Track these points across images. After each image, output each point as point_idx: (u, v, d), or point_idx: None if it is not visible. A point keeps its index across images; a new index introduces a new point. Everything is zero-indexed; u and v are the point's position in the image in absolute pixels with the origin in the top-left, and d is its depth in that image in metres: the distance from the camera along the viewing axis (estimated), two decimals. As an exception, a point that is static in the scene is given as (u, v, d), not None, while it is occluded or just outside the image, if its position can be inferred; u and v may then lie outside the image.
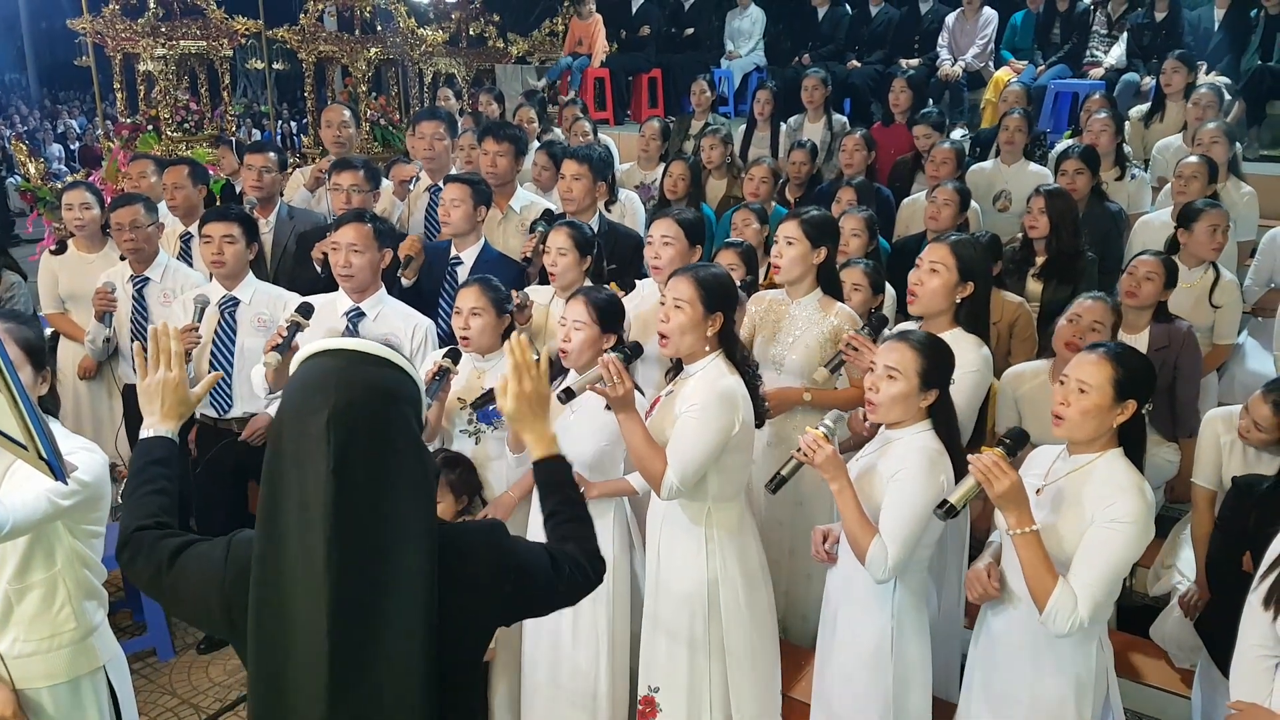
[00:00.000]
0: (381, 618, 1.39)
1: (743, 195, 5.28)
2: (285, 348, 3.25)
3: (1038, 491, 2.41)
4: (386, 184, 5.02)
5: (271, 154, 4.69)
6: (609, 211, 4.72)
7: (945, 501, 2.30)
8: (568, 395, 2.62)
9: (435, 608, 1.42)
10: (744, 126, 6.88)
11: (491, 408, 3.07)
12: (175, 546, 1.60)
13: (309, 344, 1.50)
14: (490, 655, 3.17)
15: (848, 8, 8.76)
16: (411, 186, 4.96)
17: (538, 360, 1.90)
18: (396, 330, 3.51)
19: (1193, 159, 4.71)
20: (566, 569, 1.66)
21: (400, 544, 1.41)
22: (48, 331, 4.58)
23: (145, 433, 1.84)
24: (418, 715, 1.42)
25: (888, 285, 4.04)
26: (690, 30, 9.40)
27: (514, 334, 1.95)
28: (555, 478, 1.84)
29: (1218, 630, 2.85)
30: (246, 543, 1.51)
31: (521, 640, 3.11)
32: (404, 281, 3.90)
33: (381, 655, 1.40)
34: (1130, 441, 2.35)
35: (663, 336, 2.71)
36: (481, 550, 1.55)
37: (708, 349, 2.71)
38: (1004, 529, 2.32)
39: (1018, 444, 2.32)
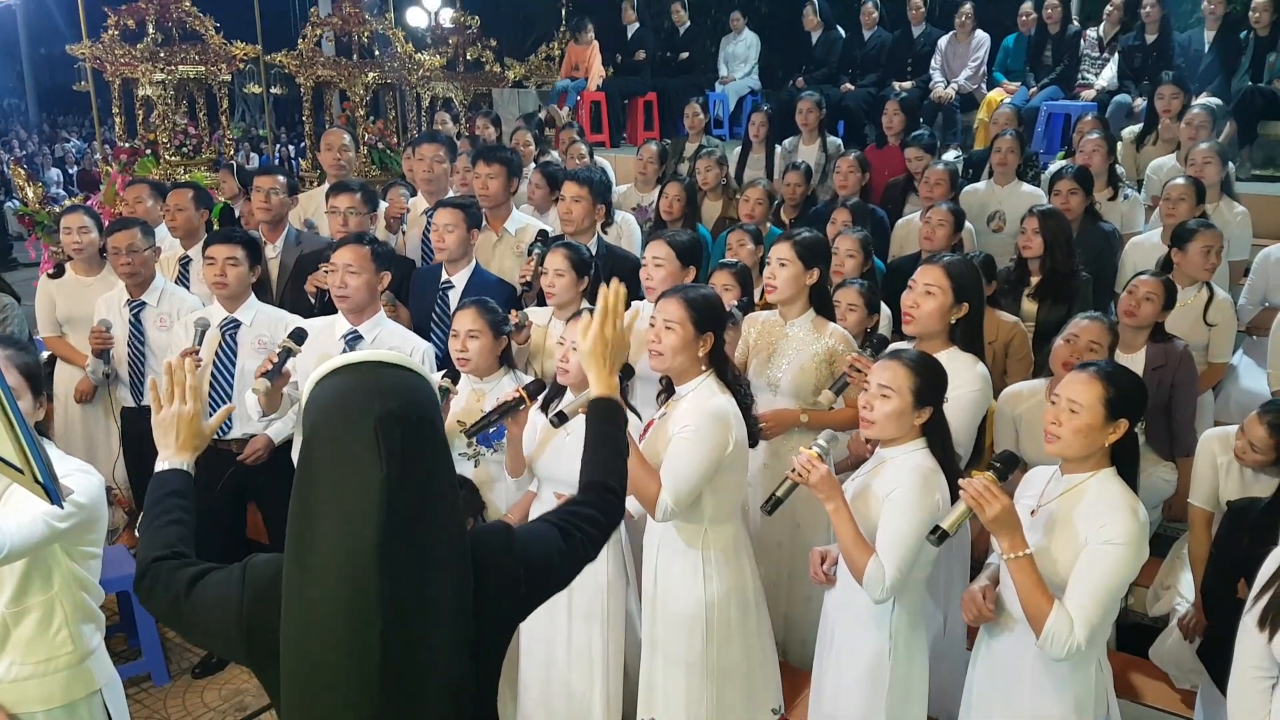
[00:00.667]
0: (431, 624, 1.39)
1: (738, 216, 5.31)
2: (276, 374, 3.25)
3: (1032, 513, 2.42)
4: (383, 205, 5.04)
5: (280, 178, 4.71)
6: (605, 233, 4.75)
7: (937, 527, 2.30)
8: (560, 419, 2.63)
9: (472, 612, 1.44)
10: (739, 149, 6.93)
11: (490, 431, 3.07)
12: (192, 575, 1.59)
13: (323, 364, 1.47)
14: None
15: (840, 31, 8.83)
16: (405, 227, 4.98)
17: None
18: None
19: (1180, 181, 4.73)
20: (577, 536, 1.68)
21: (443, 549, 1.41)
22: (44, 355, 4.58)
23: (160, 465, 1.83)
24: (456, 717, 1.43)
25: (883, 305, 4.06)
26: (685, 54, 9.48)
27: (614, 281, 2.05)
28: (606, 414, 1.93)
29: (1218, 656, 2.84)
30: (264, 565, 1.51)
31: (517, 661, 3.10)
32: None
33: (432, 662, 1.40)
34: (1123, 461, 2.35)
35: (654, 355, 2.71)
36: (498, 558, 1.54)
37: (700, 369, 2.73)
38: (999, 552, 2.32)
39: (1008, 468, 2.32)
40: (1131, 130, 6.55)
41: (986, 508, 2.21)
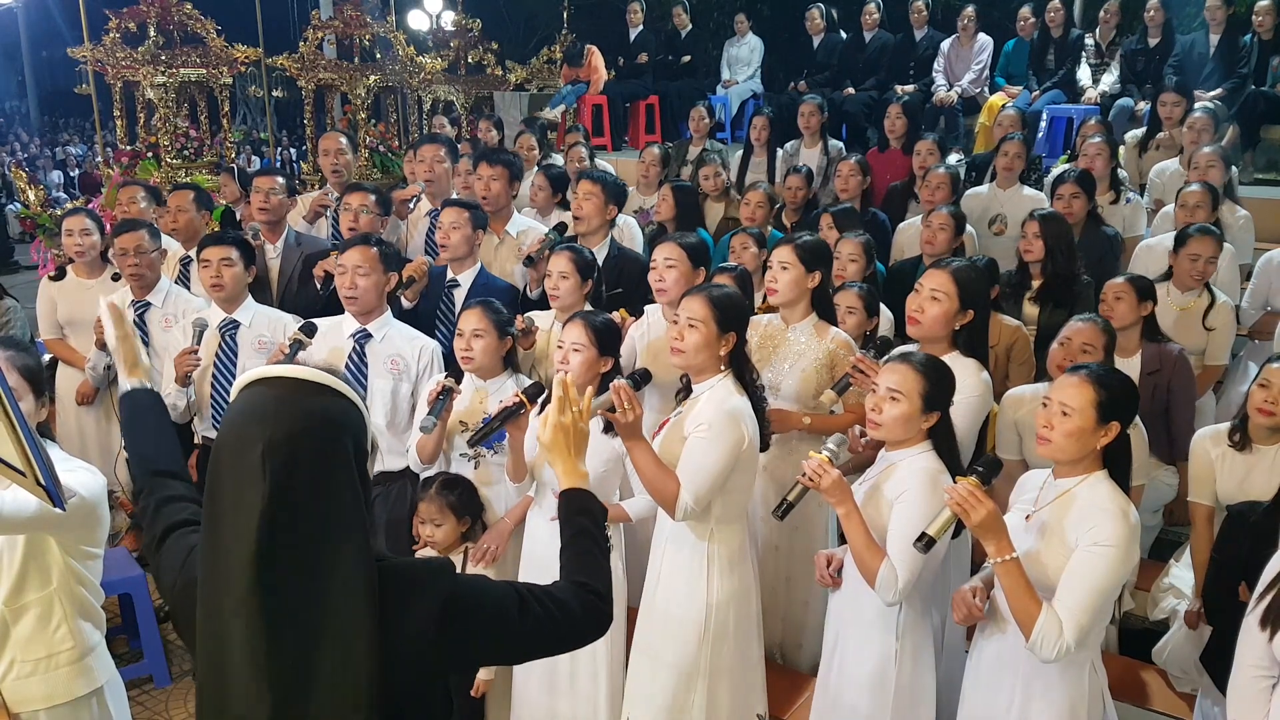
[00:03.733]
0: (317, 657, 1.35)
1: (740, 220, 5.31)
2: (288, 363, 3.26)
3: (1027, 518, 2.42)
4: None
5: (279, 179, 4.72)
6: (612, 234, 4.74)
7: (924, 534, 2.31)
8: None
9: (377, 652, 1.36)
10: (741, 152, 6.93)
11: (494, 434, 3.06)
12: (166, 527, 1.62)
13: (248, 371, 1.44)
14: (482, 688, 3.15)
15: (842, 34, 8.84)
16: (413, 206, 4.98)
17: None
18: (403, 352, 3.53)
19: (1195, 187, 4.72)
20: (536, 611, 1.55)
21: (335, 587, 1.35)
22: (46, 358, 4.58)
23: (124, 386, 1.93)
24: None
25: (884, 309, 4.06)
26: (687, 58, 9.49)
27: (559, 373, 2.02)
28: (578, 505, 1.77)
29: (1220, 659, 2.84)
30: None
31: (512, 672, 3.09)
32: (404, 303, 3.92)
33: (319, 701, 1.35)
34: (1115, 464, 2.35)
35: (677, 352, 2.72)
36: (422, 589, 1.46)
37: (720, 369, 2.73)
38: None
39: (991, 472, 2.32)
40: (1134, 134, 6.55)
41: (971, 513, 2.21)
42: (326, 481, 1.37)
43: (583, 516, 1.76)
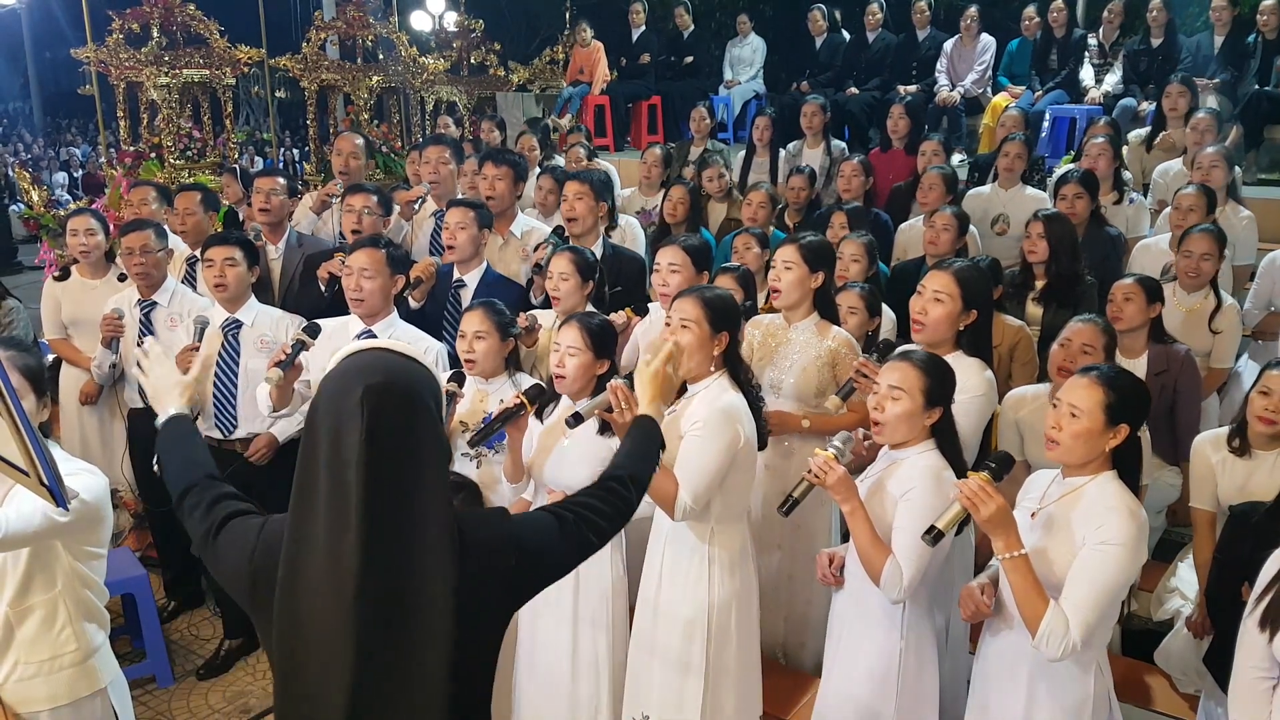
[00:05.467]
0: (410, 583, 1.46)
1: (742, 220, 5.31)
2: (288, 365, 3.28)
3: (1032, 515, 2.41)
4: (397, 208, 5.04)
5: (280, 179, 4.72)
6: (609, 236, 4.75)
7: (933, 527, 2.30)
8: (576, 420, 2.63)
9: (458, 589, 1.47)
10: (743, 152, 6.93)
11: (494, 435, 3.06)
12: (225, 514, 1.68)
13: (345, 347, 1.60)
14: None
15: (845, 34, 8.83)
16: (417, 207, 4.99)
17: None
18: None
19: (1190, 189, 4.71)
20: (571, 522, 1.70)
21: (425, 515, 1.48)
22: (49, 358, 4.59)
23: (165, 414, 2.00)
24: (441, 702, 1.47)
25: (887, 309, 4.06)
26: (690, 58, 9.49)
27: (674, 340, 2.44)
28: (650, 427, 2.11)
29: (1222, 660, 2.83)
30: (279, 521, 1.58)
31: (514, 671, 3.09)
32: (411, 303, 3.93)
33: (408, 633, 1.45)
34: (1125, 465, 2.35)
35: None
36: (488, 528, 1.60)
37: (712, 369, 2.74)
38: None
39: (1003, 468, 2.31)
40: (1139, 134, 6.54)
41: (981, 507, 2.21)
42: (414, 424, 1.51)
43: (648, 435, 2.08)
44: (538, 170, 5.84)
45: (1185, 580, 3.47)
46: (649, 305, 3.77)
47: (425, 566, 1.46)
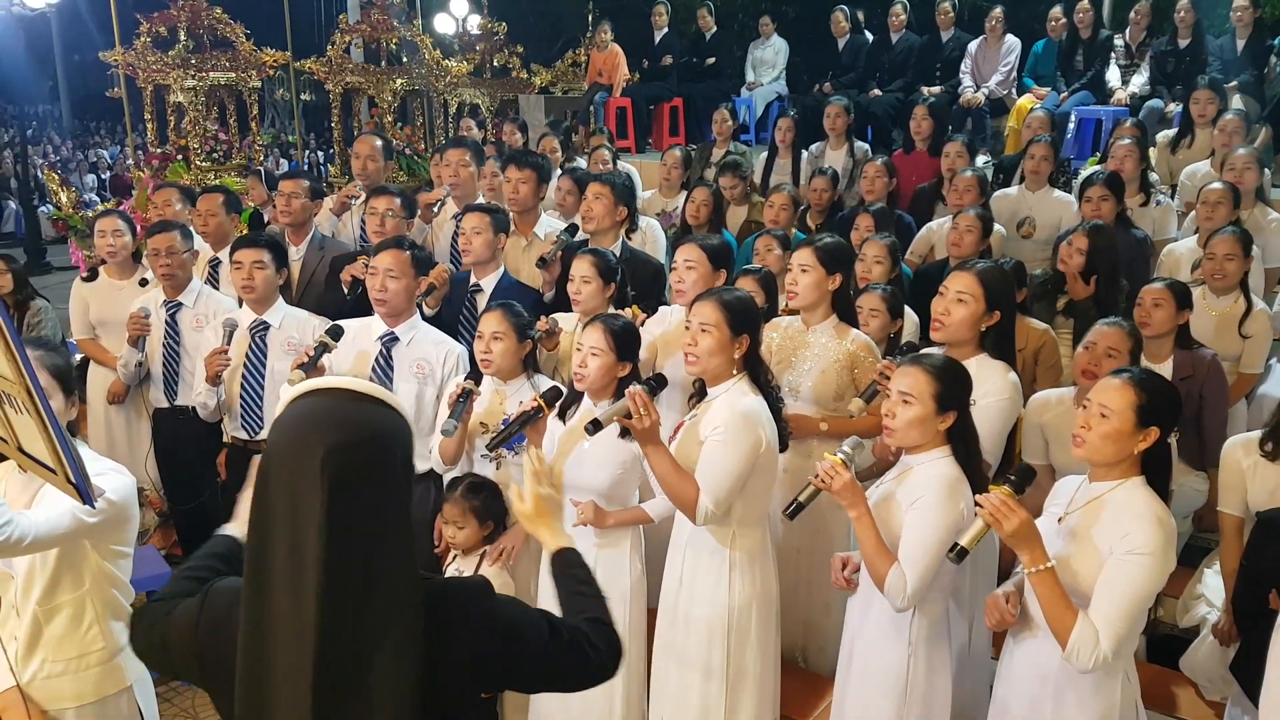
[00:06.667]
0: (369, 670, 1.34)
1: (763, 222, 5.29)
2: (311, 367, 3.30)
3: (1060, 521, 2.39)
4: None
5: (304, 182, 4.76)
6: (630, 239, 4.76)
7: (956, 544, 2.29)
8: (595, 427, 2.63)
9: (422, 662, 1.36)
10: (765, 154, 6.91)
11: (513, 437, 3.07)
12: (172, 607, 1.57)
13: (301, 383, 1.45)
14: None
15: (868, 35, 8.79)
16: (438, 210, 5.01)
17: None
18: (429, 356, 3.54)
19: (1216, 185, 4.67)
20: (565, 638, 1.57)
21: (390, 593, 1.36)
22: (77, 357, 4.64)
23: (226, 530, 1.82)
24: None
25: (911, 311, 4.03)
26: (711, 60, 9.48)
27: (530, 449, 2.09)
28: (572, 561, 1.85)
29: (1249, 667, 2.80)
30: (222, 592, 1.49)
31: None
32: (425, 309, 3.94)
33: (367, 707, 1.35)
34: (1153, 470, 2.32)
35: (690, 358, 2.72)
36: (465, 605, 1.48)
37: (733, 372, 2.73)
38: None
39: (1024, 481, 2.28)
40: (1166, 135, 6.48)
41: (1004, 522, 2.19)
42: (381, 492, 1.38)
43: (578, 569, 1.83)
44: (559, 172, 5.85)
45: (1212, 587, 3.43)
46: (658, 304, 3.76)
47: (388, 649, 1.34)
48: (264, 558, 1.36)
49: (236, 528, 1.78)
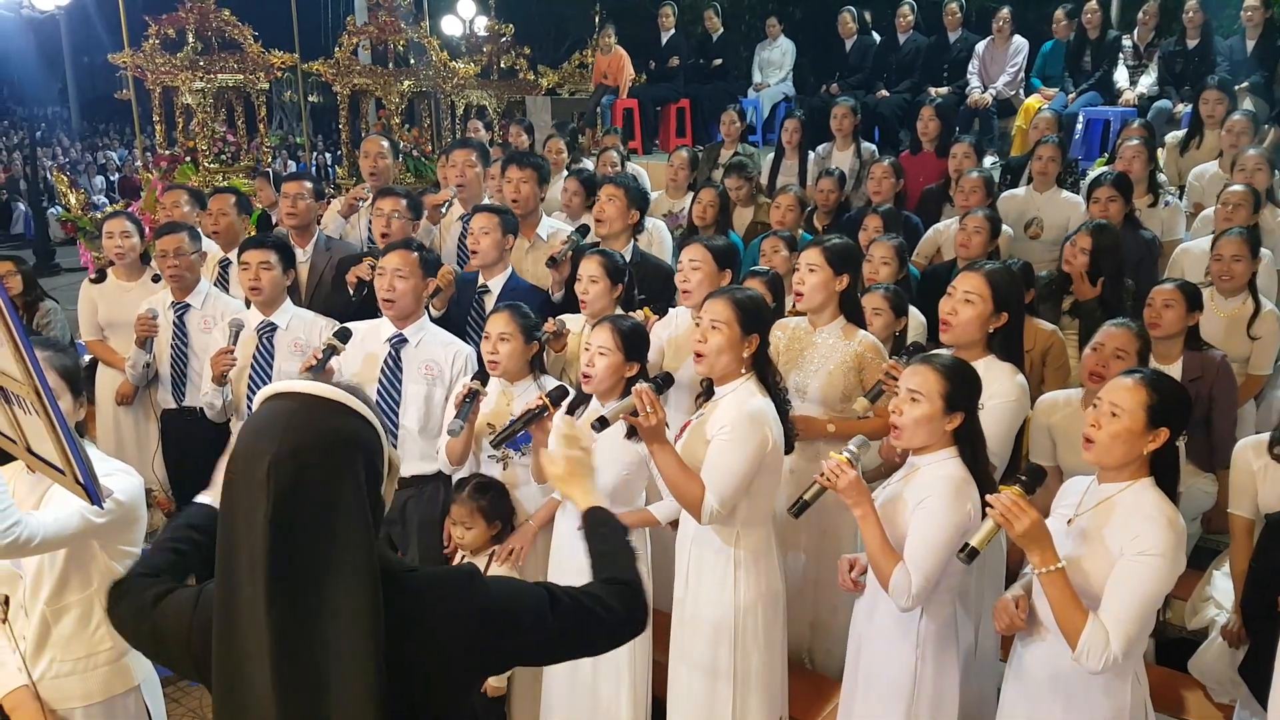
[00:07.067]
0: (326, 666, 1.35)
1: (769, 223, 5.29)
2: (319, 370, 3.31)
3: (1069, 522, 2.38)
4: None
5: (307, 183, 4.76)
6: (636, 239, 4.76)
7: (966, 545, 2.28)
8: (601, 424, 2.63)
9: (382, 664, 1.35)
10: (772, 155, 6.91)
11: (517, 436, 3.07)
12: (159, 592, 1.59)
13: (272, 385, 1.46)
14: (490, 693, 3.14)
15: (875, 36, 8.79)
16: (445, 211, 5.02)
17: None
18: (437, 357, 3.55)
19: (1238, 187, 4.64)
20: (568, 607, 1.57)
21: (343, 593, 1.35)
22: (86, 358, 4.65)
23: (201, 498, 1.84)
24: None
25: (918, 312, 4.03)
26: (718, 61, 9.48)
27: (559, 413, 2.03)
28: (602, 518, 1.86)
29: (1258, 670, 2.79)
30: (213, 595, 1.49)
31: (541, 674, 3.10)
32: (432, 311, 3.94)
33: (324, 702, 1.35)
34: (1162, 471, 2.31)
35: (699, 355, 2.71)
36: (446, 597, 1.48)
37: (742, 371, 2.73)
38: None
39: (1035, 481, 2.28)
40: (1175, 136, 6.46)
41: (1015, 523, 2.18)
42: (331, 500, 1.37)
43: (605, 528, 1.83)
44: (565, 173, 5.85)
45: (1221, 589, 3.42)
46: (669, 307, 3.77)
47: (345, 646, 1.34)
48: (230, 555, 1.38)
49: (211, 496, 1.80)
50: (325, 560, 1.35)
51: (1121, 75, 7.44)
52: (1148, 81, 7.31)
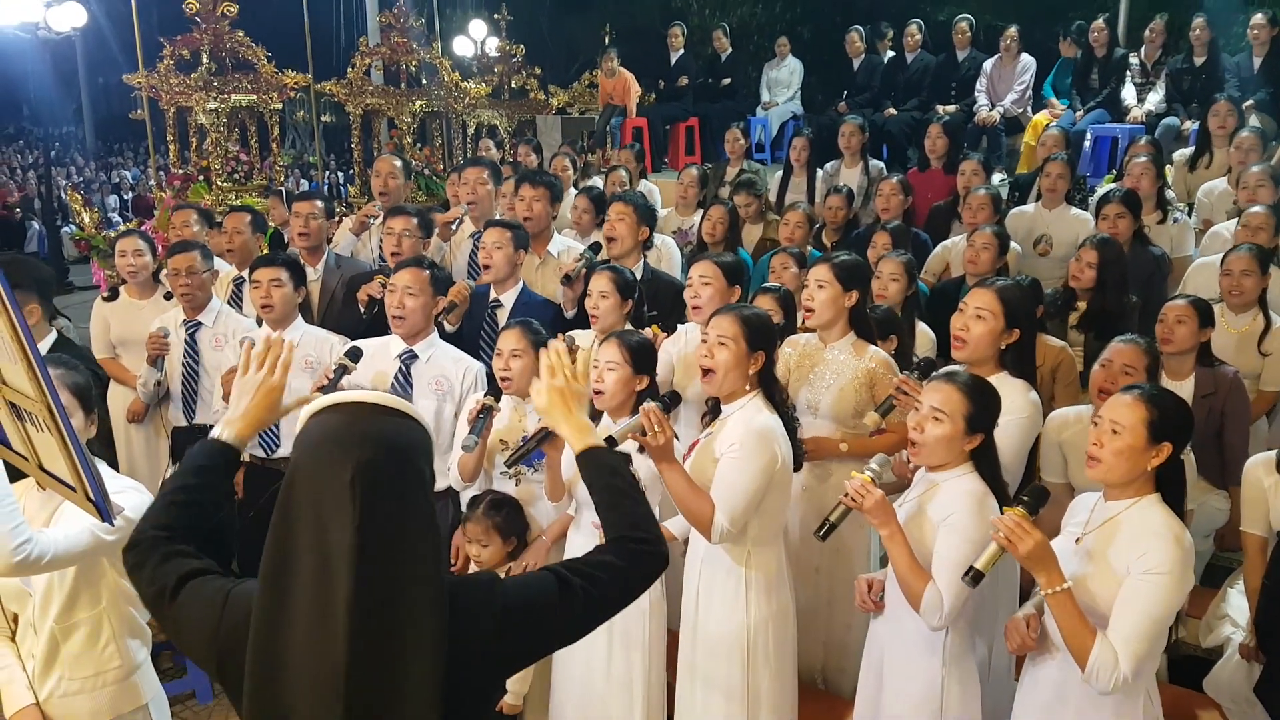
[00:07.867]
0: (399, 678, 1.36)
1: (778, 240, 5.30)
2: (331, 389, 3.31)
3: (1077, 540, 2.37)
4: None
5: (318, 202, 4.80)
6: (645, 256, 4.77)
7: (971, 568, 2.27)
8: (610, 444, 2.62)
9: (444, 667, 1.38)
10: (780, 173, 6.93)
11: (532, 454, 3.07)
12: (182, 574, 1.55)
13: (319, 399, 1.47)
14: (507, 710, 3.13)
15: (883, 55, 8.82)
16: (455, 228, 5.05)
17: (573, 355, 1.88)
18: (448, 373, 3.56)
19: (1259, 209, 4.61)
20: (578, 585, 1.56)
21: (417, 602, 1.38)
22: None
23: (215, 432, 1.78)
24: None
25: (927, 328, 4.02)
26: (727, 80, 9.53)
27: (551, 342, 1.94)
28: (598, 462, 1.77)
29: (1274, 689, 2.76)
30: (245, 596, 1.47)
31: (549, 688, 3.09)
32: (446, 326, 3.96)
33: (399, 713, 1.36)
34: (1168, 487, 2.30)
35: (707, 371, 2.71)
36: (477, 606, 1.49)
37: (748, 388, 2.72)
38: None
39: (1038, 502, 2.27)
40: (1183, 153, 6.46)
41: (1019, 544, 2.17)
42: (409, 503, 1.40)
43: (606, 472, 1.76)
44: (574, 191, 5.88)
45: (1236, 606, 3.39)
46: (678, 323, 3.77)
47: (418, 656, 1.36)
48: (286, 570, 1.37)
49: (229, 430, 1.76)
50: (406, 566, 1.38)
51: (1129, 93, 7.45)
52: (1155, 99, 7.32)
